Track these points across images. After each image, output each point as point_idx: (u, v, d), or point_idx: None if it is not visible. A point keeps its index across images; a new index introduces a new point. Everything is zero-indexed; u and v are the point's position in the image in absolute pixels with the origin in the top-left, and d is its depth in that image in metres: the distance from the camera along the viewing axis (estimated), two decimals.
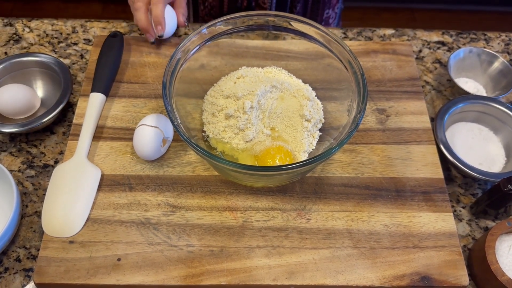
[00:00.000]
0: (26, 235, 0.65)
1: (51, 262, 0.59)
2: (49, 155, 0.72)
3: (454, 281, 0.60)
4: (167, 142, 0.67)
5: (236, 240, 0.62)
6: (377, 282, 0.59)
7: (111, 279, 0.58)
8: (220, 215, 0.64)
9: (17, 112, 0.72)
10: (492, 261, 0.59)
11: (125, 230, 0.62)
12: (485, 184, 0.72)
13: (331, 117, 0.70)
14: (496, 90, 0.79)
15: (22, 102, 0.72)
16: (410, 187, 0.67)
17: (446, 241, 0.62)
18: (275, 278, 0.59)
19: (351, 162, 0.69)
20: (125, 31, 0.86)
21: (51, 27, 0.87)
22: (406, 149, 0.70)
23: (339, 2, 0.95)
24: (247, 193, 0.66)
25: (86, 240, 0.61)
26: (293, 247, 0.61)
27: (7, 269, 0.62)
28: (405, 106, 0.75)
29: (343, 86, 0.67)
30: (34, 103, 0.74)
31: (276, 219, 0.64)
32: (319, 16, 0.95)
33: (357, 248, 0.62)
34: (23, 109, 0.72)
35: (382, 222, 0.64)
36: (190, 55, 0.66)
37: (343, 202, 0.65)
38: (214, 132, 0.68)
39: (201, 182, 0.66)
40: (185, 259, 0.60)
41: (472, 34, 0.89)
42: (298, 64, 0.74)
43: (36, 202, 0.67)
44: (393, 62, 0.79)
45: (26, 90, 0.72)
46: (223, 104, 0.69)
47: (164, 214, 0.63)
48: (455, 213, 0.69)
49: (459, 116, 0.75)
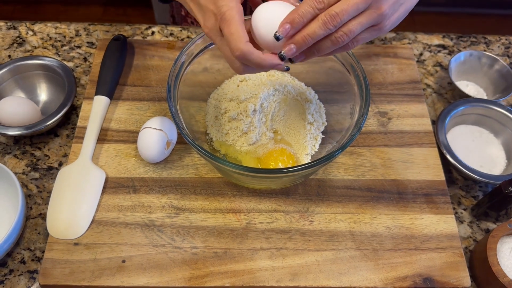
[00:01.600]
0: (31, 237, 0.65)
1: (56, 264, 0.60)
2: (53, 157, 0.72)
3: (456, 282, 0.60)
4: (171, 144, 0.68)
5: (240, 242, 0.62)
6: (379, 283, 0.60)
7: (115, 280, 0.59)
8: (223, 217, 0.64)
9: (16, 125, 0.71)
10: (493, 262, 0.60)
11: (130, 232, 0.62)
12: (486, 187, 0.72)
13: (334, 120, 0.71)
14: (496, 93, 0.80)
15: (21, 116, 0.71)
16: (411, 189, 0.67)
17: (448, 243, 0.63)
18: (279, 279, 0.60)
19: (353, 165, 0.69)
20: (128, 35, 0.86)
21: (55, 30, 0.87)
22: (408, 151, 0.71)
23: None
24: (250, 195, 0.66)
25: (91, 242, 0.62)
26: (296, 249, 0.62)
27: (12, 271, 0.63)
28: (406, 109, 0.75)
29: (345, 89, 0.67)
30: (34, 117, 0.73)
31: (279, 221, 0.64)
32: None
33: (359, 250, 0.62)
34: (21, 123, 0.71)
35: (384, 224, 0.64)
36: (194, 58, 0.67)
37: (345, 204, 0.66)
38: (217, 135, 0.69)
39: (204, 184, 0.67)
40: (189, 261, 0.60)
41: (472, 38, 0.90)
42: (300, 67, 0.75)
43: (40, 204, 0.68)
44: (394, 65, 0.80)
45: (27, 104, 0.72)
46: (226, 107, 0.70)
47: (168, 216, 0.64)
48: (457, 215, 0.69)
49: (460, 119, 0.75)
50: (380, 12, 0.49)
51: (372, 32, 0.52)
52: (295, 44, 0.50)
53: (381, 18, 0.50)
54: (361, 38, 0.51)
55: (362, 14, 0.49)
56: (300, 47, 0.50)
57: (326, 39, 0.50)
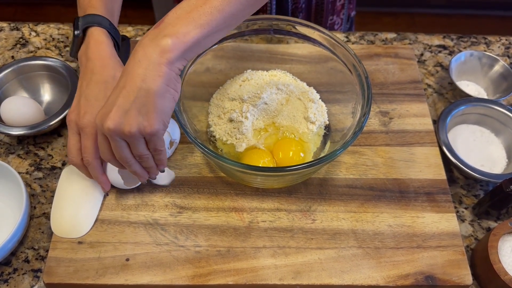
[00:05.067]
0: (35, 236, 0.66)
1: (60, 263, 0.60)
2: (56, 157, 0.73)
3: (458, 280, 0.61)
4: (174, 144, 0.68)
5: (243, 240, 0.63)
6: (382, 281, 0.60)
7: (119, 279, 0.59)
8: (226, 216, 0.65)
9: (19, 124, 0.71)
10: (494, 260, 0.60)
11: (133, 230, 0.63)
12: (487, 185, 0.73)
13: (335, 119, 0.71)
14: (497, 92, 0.81)
15: (25, 116, 0.71)
16: (413, 188, 0.68)
17: (450, 241, 0.63)
18: (281, 277, 0.60)
19: (355, 164, 0.70)
20: (130, 35, 0.87)
21: (57, 31, 0.88)
22: (409, 150, 0.71)
23: (345, 8, 0.96)
24: (253, 194, 0.67)
25: (95, 241, 0.62)
26: (299, 247, 0.62)
27: (16, 270, 0.63)
28: (407, 108, 0.76)
29: (347, 89, 0.68)
30: (38, 117, 0.73)
31: (281, 219, 0.65)
32: (323, 23, 0.96)
33: (362, 248, 0.62)
34: (24, 123, 0.71)
35: (386, 222, 0.65)
36: (197, 59, 0.67)
37: (347, 203, 0.66)
38: (220, 134, 0.69)
39: (207, 183, 0.67)
40: (192, 259, 0.61)
41: (472, 38, 0.91)
42: (302, 67, 0.75)
43: (44, 203, 0.68)
44: (395, 66, 0.81)
45: (30, 104, 0.72)
46: (229, 106, 0.70)
47: (172, 215, 0.64)
48: (458, 214, 0.70)
49: (461, 119, 0.76)
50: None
51: (149, 141, 0.54)
52: None
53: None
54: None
55: None
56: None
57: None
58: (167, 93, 0.51)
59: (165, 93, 0.51)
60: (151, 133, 0.52)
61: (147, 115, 0.51)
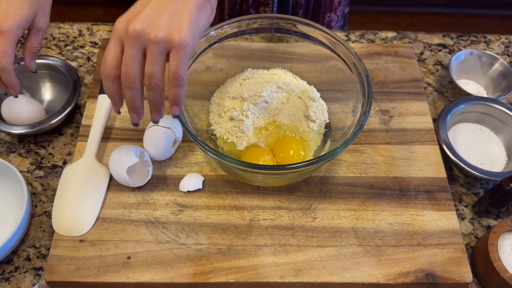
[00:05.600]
0: (36, 234, 0.66)
1: (61, 261, 0.60)
2: (57, 156, 0.73)
3: (458, 278, 0.61)
4: (177, 142, 0.68)
5: (244, 238, 0.63)
6: (382, 279, 0.60)
7: (121, 277, 0.59)
8: (227, 214, 0.65)
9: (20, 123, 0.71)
10: (494, 258, 0.60)
11: (135, 229, 0.63)
12: (487, 184, 0.73)
13: (336, 118, 0.72)
14: (496, 91, 0.81)
15: (26, 115, 0.71)
16: (413, 186, 0.68)
17: (450, 239, 0.64)
18: (282, 275, 0.60)
19: (356, 162, 0.70)
20: None
21: (58, 30, 0.88)
22: (409, 149, 0.71)
23: (341, 5, 0.97)
24: (254, 192, 0.67)
25: (96, 239, 0.62)
26: (299, 245, 0.62)
27: (17, 268, 0.63)
28: (407, 107, 0.76)
29: (348, 88, 0.68)
30: (39, 116, 0.73)
31: (282, 218, 0.65)
32: (320, 20, 0.96)
33: (362, 246, 0.63)
34: (25, 122, 0.71)
35: (387, 220, 0.65)
36: (197, 57, 0.68)
37: (348, 201, 0.66)
38: (220, 133, 0.69)
39: (208, 182, 0.68)
40: (193, 257, 0.61)
41: (472, 37, 0.91)
42: (303, 66, 0.75)
43: (45, 202, 0.68)
44: (395, 64, 0.81)
45: (31, 103, 0.72)
46: (229, 105, 0.70)
47: (173, 213, 0.64)
48: (458, 212, 0.70)
49: (461, 117, 0.76)
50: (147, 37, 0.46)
51: (174, 55, 0.47)
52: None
53: (146, 41, 0.46)
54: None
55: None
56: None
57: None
58: (205, 7, 0.47)
59: (203, 6, 0.47)
60: (179, 44, 0.45)
61: (180, 23, 0.45)
